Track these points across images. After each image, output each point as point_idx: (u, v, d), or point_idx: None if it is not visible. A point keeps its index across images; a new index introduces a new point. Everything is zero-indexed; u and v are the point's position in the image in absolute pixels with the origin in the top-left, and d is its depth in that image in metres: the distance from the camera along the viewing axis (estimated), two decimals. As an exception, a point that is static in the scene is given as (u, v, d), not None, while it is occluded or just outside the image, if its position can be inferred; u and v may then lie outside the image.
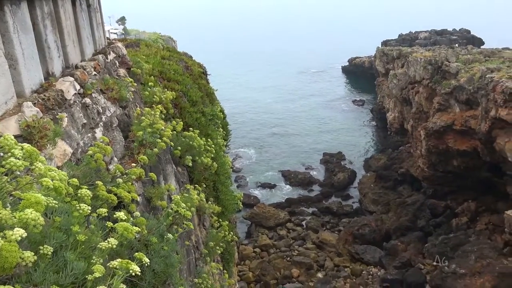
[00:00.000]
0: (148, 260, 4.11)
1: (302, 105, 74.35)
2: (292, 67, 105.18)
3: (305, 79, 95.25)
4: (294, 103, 75.47)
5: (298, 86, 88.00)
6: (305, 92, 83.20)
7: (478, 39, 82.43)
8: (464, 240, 27.85)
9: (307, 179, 44.96)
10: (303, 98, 79.08)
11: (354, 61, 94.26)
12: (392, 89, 47.79)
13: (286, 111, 71.08)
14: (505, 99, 25.10)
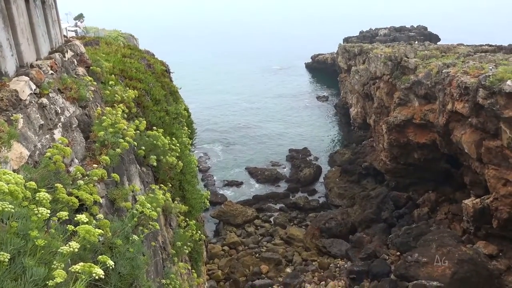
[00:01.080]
0: (113, 263, 4.01)
1: (267, 102, 74.74)
2: (257, 65, 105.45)
3: (269, 77, 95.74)
4: (259, 101, 75.73)
5: (263, 84, 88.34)
6: (270, 90, 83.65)
7: (434, 36, 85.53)
8: (425, 229, 28.87)
9: (274, 176, 45.27)
10: (268, 95, 79.48)
11: (317, 58, 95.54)
12: (354, 84, 48.85)
13: (251, 108, 71.24)
14: (460, 93, 26.16)
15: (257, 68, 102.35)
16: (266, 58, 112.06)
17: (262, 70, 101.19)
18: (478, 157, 25.73)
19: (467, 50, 41.35)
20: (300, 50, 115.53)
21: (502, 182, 24.16)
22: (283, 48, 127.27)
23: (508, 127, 22.35)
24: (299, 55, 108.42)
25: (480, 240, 26.42)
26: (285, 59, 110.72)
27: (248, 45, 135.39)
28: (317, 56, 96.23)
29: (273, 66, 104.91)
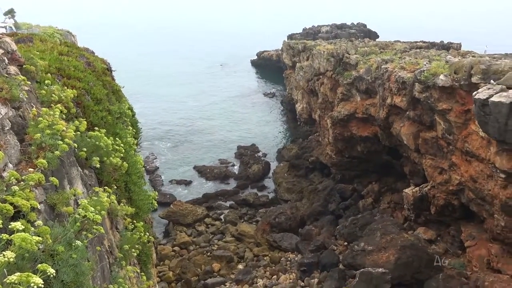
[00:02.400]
0: (54, 271, 3.82)
1: (214, 100, 74.33)
2: (202, 63, 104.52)
3: (215, 74, 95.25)
4: (206, 98, 75.14)
5: (209, 81, 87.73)
6: (216, 87, 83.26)
7: (373, 33, 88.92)
8: (370, 219, 30.05)
9: (223, 173, 45.19)
10: (214, 93, 79.08)
11: (262, 55, 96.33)
12: (299, 81, 49.79)
13: (198, 106, 70.53)
14: (398, 87, 27.44)
15: (202, 65, 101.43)
16: (211, 56, 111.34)
17: (207, 67, 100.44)
18: (416, 148, 27.15)
19: (404, 47, 43.47)
20: (245, 47, 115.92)
21: (438, 171, 25.66)
22: (228, 46, 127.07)
23: (442, 119, 23.76)
24: (244, 52, 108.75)
25: (420, 226, 27.93)
26: (230, 56, 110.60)
27: (192, 43, 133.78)
28: (262, 53, 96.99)
29: (218, 64, 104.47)
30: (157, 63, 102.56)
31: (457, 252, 25.18)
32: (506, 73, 19.32)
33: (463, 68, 21.76)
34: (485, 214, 22.09)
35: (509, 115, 16.95)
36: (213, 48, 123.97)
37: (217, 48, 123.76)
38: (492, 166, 19.84)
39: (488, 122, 18.25)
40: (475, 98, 18.78)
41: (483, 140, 20.64)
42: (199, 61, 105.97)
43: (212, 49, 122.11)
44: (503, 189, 19.52)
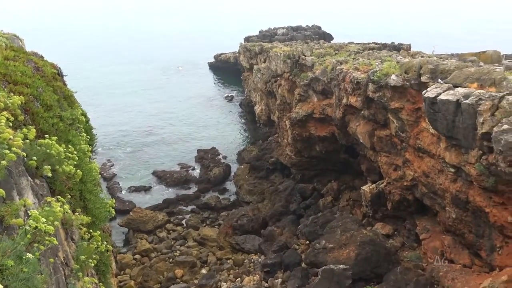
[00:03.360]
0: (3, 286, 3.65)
1: (172, 104, 73.34)
2: (159, 66, 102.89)
3: (172, 78, 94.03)
4: (163, 102, 74.01)
5: (166, 86, 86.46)
6: (174, 91, 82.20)
7: (328, 35, 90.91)
8: (330, 217, 30.64)
9: (183, 178, 44.65)
10: (172, 96, 78.04)
11: (219, 57, 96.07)
12: (257, 83, 50.08)
13: (155, 110, 69.32)
14: (353, 87, 28.18)
15: (158, 70, 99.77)
16: (167, 60, 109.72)
17: (163, 71, 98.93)
18: (372, 146, 27.98)
19: (357, 48, 44.73)
20: (201, 50, 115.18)
21: (393, 168, 26.57)
22: (184, 49, 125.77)
23: (395, 117, 24.63)
24: (201, 55, 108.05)
25: (378, 222, 28.79)
26: (187, 60, 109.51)
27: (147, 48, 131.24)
28: (219, 55, 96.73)
29: (175, 68, 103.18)
30: (111, 67, 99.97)
31: (413, 245, 26.17)
32: (452, 72, 20.31)
33: (413, 68, 22.67)
34: (438, 208, 23.08)
35: (456, 112, 17.82)
36: (169, 52, 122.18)
37: (172, 52, 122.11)
38: (442, 161, 20.77)
39: (437, 119, 19.10)
40: (425, 96, 19.60)
41: (433, 136, 21.57)
42: (155, 65, 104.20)
43: (167, 53, 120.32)
44: (453, 183, 20.48)
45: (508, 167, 14.61)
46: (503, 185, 16.89)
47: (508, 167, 14.60)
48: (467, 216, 20.46)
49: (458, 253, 22.01)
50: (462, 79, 19.18)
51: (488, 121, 16.27)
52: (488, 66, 22.43)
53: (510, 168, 14.59)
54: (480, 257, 20.50)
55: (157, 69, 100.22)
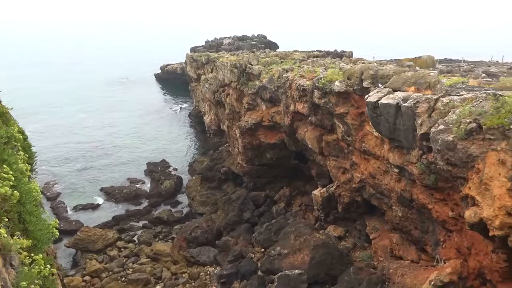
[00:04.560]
0: None
1: (118, 117, 71.31)
2: (102, 80, 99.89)
3: (117, 91, 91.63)
4: (108, 116, 71.82)
5: (111, 99, 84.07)
6: (120, 104, 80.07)
7: (273, 44, 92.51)
8: (284, 223, 30.91)
9: (133, 193, 43.36)
10: (118, 110, 75.95)
11: (166, 68, 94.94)
12: (206, 93, 49.88)
13: (100, 125, 67.11)
14: (299, 94, 28.77)
15: (102, 82, 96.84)
16: (111, 72, 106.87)
17: (107, 84, 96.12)
18: (320, 151, 28.64)
19: (302, 56, 45.84)
20: (147, 61, 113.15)
21: (341, 171, 27.32)
22: (129, 61, 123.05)
23: (341, 122, 25.39)
24: (147, 67, 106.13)
25: (330, 225, 29.42)
26: (132, 71, 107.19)
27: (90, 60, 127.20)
28: (166, 66, 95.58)
29: (119, 80, 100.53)
30: (52, 81, 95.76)
31: (364, 245, 26.97)
32: (391, 77, 21.28)
33: (355, 74, 23.52)
34: (385, 207, 23.97)
35: (396, 115, 18.66)
36: (113, 64, 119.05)
37: (117, 64, 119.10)
38: (386, 162, 21.63)
39: (379, 122, 19.90)
40: (367, 101, 20.37)
41: (377, 139, 22.43)
42: (97, 79, 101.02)
43: (111, 65, 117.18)
44: (397, 183, 21.37)
45: (446, 165, 15.45)
46: (442, 182, 17.84)
47: (446, 165, 15.44)
48: (412, 214, 21.41)
49: (406, 250, 22.94)
50: (401, 83, 20.14)
51: (425, 122, 17.16)
52: (424, 70, 23.73)
53: (448, 166, 15.43)
54: (426, 252, 21.48)
55: (100, 82, 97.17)
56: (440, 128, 15.48)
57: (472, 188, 14.46)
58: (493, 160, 13.50)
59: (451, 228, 18.79)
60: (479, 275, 17.27)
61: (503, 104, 13.70)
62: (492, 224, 13.41)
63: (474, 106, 14.95)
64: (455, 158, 14.79)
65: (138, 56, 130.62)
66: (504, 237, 13.48)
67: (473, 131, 14.16)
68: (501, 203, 12.97)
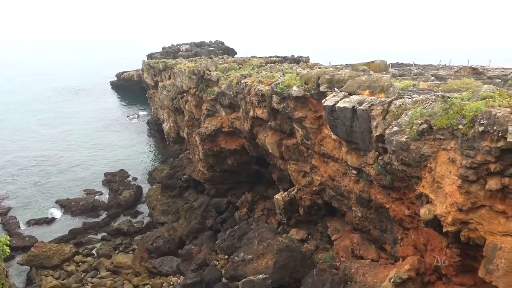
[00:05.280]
0: None
1: (72, 127, 68.95)
2: (52, 89, 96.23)
3: (71, 100, 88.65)
4: (63, 127, 69.31)
5: (64, 108, 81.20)
6: (73, 114, 77.47)
7: (231, 50, 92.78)
8: (247, 229, 30.89)
9: (90, 204, 41.97)
10: (72, 120, 73.45)
11: (122, 76, 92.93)
12: (164, 100, 49.17)
13: (55, 136, 64.60)
14: (258, 100, 28.94)
15: (52, 91, 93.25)
16: (63, 81, 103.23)
17: (59, 93, 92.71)
18: (281, 155, 28.90)
19: (260, 62, 46.22)
20: (102, 69, 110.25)
21: (301, 174, 27.68)
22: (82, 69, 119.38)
23: (300, 126, 25.75)
24: (101, 74, 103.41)
25: (292, 228, 29.71)
26: (86, 79, 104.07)
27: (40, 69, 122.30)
28: (122, 73, 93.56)
29: (72, 88, 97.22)
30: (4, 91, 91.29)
31: (327, 246, 27.41)
32: (347, 81, 21.84)
33: (312, 79, 23.96)
34: (345, 208, 24.49)
35: (352, 118, 19.16)
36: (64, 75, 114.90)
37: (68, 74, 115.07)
38: (345, 164, 22.13)
39: (337, 125, 20.35)
40: (324, 105, 20.78)
41: (335, 142, 22.92)
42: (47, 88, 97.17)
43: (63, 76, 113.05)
44: (356, 184, 21.91)
45: (401, 165, 16.01)
46: (398, 182, 18.46)
47: (401, 165, 16.00)
48: (371, 214, 22.00)
49: (366, 249, 23.52)
50: (356, 87, 20.71)
51: (380, 124, 17.72)
52: (377, 74, 24.56)
53: (402, 166, 15.99)
54: (385, 250, 22.11)
55: (51, 91, 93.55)
56: (394, 129, 16.03)
57: (426, 186, 15.06)
58: (443, 159, 14.12)
59: (408, 226, 19.46)
60: (436, 270, 17.97)
61: (451, 106, 14.38)
62: (445, 220, 14.00)
63: (425, 108, 15.59)
64: (408, 158, 15.35)
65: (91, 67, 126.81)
66: (456, 233, 14.10)
67: (425, 132, 14.75)
68: (452, 200, 13.57)
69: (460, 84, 19.32)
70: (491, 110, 12.26)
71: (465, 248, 14.94)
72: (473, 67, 37.71)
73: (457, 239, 14.45)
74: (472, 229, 13.52)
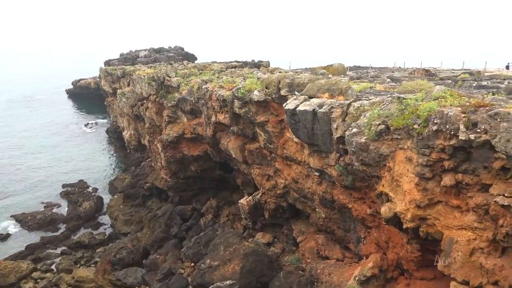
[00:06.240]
0: None
1: (28, 138, 66.10)
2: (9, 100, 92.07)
3: (27, 110, 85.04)
4: (19, 137, 66.30)
5: (17, 118, 77.78)
6: (29, 124, 74.32)
7: (191, 55, 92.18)
8: (212, 235, 30.66)
9: (48, 218, 40.36)
10: (28, 130, 70.43)
11: (79, 84, 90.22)
12: (123, 107, 48.14)
13: (8, 147, 61.68)
14: (220, 105, 28.88)
15: (7, 103, 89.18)
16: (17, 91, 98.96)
17: (13, 104, 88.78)
18: (244, 160, 28.92)
19: (220, 67, 46.19)
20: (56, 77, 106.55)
21: (266, 178, 27.80)
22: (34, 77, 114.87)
23: (262, 130, 25.88)
24: (56, 83, 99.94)
25: (258, 232, 29.75)
26: (39, 88, 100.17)
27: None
28: (78, 81, 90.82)
29: (23, 98, 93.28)
30: None
31: (293, 249, 27.63)
32: (307, 85, 22.19)
33: (273, 83, 24.17)
34: (309, 210, 24.81)
35: (313, 121, 19.46)
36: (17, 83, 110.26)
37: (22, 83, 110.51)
38: (307, 166, 22.43)
39: (298, 128, 20.61)
40: (286, 108, 21.00)
41: (297, 145, 23.20)
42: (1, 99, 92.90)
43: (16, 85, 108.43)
44: (319, 186, 22.25)
45: (361, 165, 16.41)
46: (359, 182, 18.91)
47: (361, 165, 16.40)
48: (335, 214, 22.39)
49: (331, 249, 23.89)
50: (315, 91, 21.07)
51: (340, 126, 18.11)
52: (336, 77, 25.09)
53: (362, 166, 16.40)
54: (349, 249, 22.55)
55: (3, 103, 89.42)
56: (354, 131, 16.42)
57: (385, 185, 15.50)
58: (401, 158, 14.60)
59: (370, 225, 19.95)
60: (398, 266, 18.51)
61: (406, 106, 14.91)
62: (405, 217, 14.46)
63: (382, 109, 16.08)
64: (368, 158, 15.76)
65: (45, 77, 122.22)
66: (416, 229, 14.60)
67: (383, 132, 15.20)
68: (411, 197, 14.04)
69: (414, 86, 20.08)
70: (444, 110, 12.80)
71: (424, 243, 15.48)
72: (426, 69, 39.36)
73: (417, 235, 14.95)
74: (430, 224, 14.03)
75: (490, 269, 12.02)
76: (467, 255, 12.66)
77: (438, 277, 16.07)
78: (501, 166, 11.27)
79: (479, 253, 12.46)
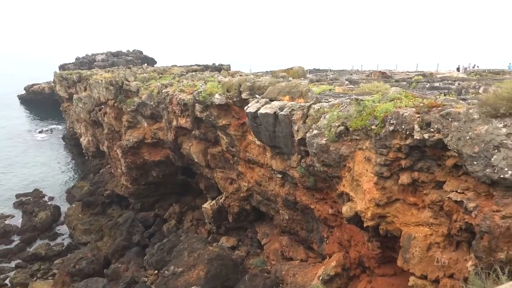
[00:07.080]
0: None
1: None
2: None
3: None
4: (-36, 145, 62.74)
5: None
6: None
7: (151, 59, 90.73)
8: (176, 241, 30.20)
9: (1, 230, 38.38)
10: (-25, 137, 66.81)
11: (31, 89, 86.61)
12: (80, 113, 46.64)
13: (-46, 156, 58.26)
14: (181, 109, 28.57)
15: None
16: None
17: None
18: (207, 164, 28.75)
19: (181, 71, 45.74)
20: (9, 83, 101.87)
21: (229, 182, 27.75)
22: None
23: (224, 134, 25.83)
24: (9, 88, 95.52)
25: (222, 236, 29.62)
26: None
27: None
28: (31, 86, 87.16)
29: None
30: None
31: (257, 251, 27.69)
32: (267, 88, 22.36)
33: (234, 87, 24.18)
34: (273, 212, 24.97)
35: (275, 123, 19.63)
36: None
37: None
38: (270, 169, 22.58)
39: (260, 131, 20.72)
40: (247, 112, 21.07)
41: (259, 147, 23.31)
42: None
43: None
44: (282, 188, 22.45)
45: (322, 166, 16.71)
46: (321, 182, 19.24)
47: (322, 166, 16.70)
48: (298, 215, 22.66)
49: (295, 250, 24.14)
50: (276, 93, 21.28)
51: (301, 128, 18.37)
52: (296, 80, 25.47)
53: (323, 167, 16.70)
54: (313, 250, 22.88)
55: None
56: (314, 133, 16.69)
57: (346, 185, 15.85)
58: (360, 158, 14.98)
59: (332, 224, 20.32)
60: (360, 264, 18.94)
61: (364, 108, 15.32)
62: (365, 216, 14.84)
63: (341, 111, 16.45)
64: (329, 159, 16.06)
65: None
66: (376, 227, 15.01)
67: (342, 134, 15.55)
68: (370, 196, 14.43)
69: (371, 88, 20.67)
70: (399, 111, 13.26)
71: (384, 240, 15.94)
72: (382, 71, 40.65)
73: (377, 233, 15.37)
74: (389, 222, 14.47)
75: (446, 263, 12.53)
76: (424, 250, 13.14)
77: (398, 273, 16.58)
78: (453, 163, 11.79)
79: (435, 248, 12.96)
